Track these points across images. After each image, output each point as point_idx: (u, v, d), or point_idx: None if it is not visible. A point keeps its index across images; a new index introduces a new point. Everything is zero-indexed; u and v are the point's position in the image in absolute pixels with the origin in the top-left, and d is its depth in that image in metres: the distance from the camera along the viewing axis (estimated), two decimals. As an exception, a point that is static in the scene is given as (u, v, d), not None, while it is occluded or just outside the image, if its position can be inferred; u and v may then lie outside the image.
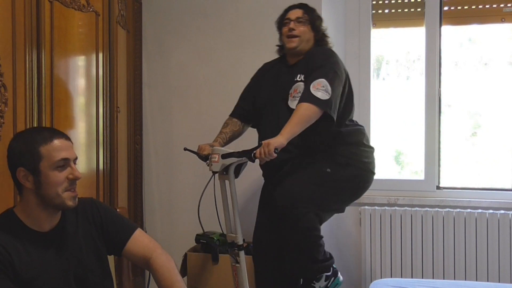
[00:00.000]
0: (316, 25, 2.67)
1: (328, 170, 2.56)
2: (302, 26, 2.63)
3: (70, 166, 1.67)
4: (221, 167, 2.41)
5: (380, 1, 3.47)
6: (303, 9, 2.68)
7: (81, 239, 1.74)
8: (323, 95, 2.39)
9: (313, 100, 2.38)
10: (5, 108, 2.12)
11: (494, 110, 3.42)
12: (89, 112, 2.82)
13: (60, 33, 2.50)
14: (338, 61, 2.58)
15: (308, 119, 2.38)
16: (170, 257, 1.82)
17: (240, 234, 2.50)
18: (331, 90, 2.41)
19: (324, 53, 2.61)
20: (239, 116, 2.79)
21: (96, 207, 1.81)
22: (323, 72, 2.46)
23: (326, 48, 2.67)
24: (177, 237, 3.40)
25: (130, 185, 3.36)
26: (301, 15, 2.65)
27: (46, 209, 1.66)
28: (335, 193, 2.62)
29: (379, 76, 3.64)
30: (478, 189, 3.37)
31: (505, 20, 3.30)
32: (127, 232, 1.82)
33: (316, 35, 2.67)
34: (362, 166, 2.65)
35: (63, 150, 1.66)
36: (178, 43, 3.51)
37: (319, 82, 2.42)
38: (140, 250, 1.81)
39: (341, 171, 2.58)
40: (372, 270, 3.29)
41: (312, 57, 2.59)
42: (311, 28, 2.66)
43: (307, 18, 2.65)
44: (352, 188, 2.67)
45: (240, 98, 2.83)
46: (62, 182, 1.64)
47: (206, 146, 2.54)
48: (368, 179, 2.69)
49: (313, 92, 2.39)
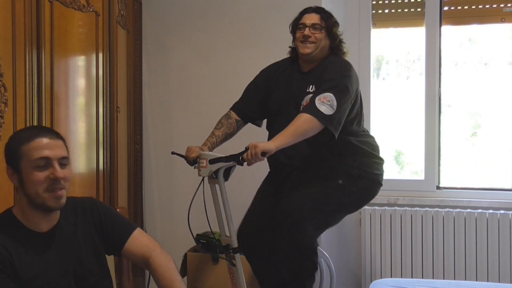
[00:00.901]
0: (332, 32, 2.55)
1: (340, 182, 2.52)
2: (318, 33, 2.53)
3: (52, 165, 1.60)
4: (209, 173, 2.41)
5: (380, 1, 3.47)
6: (320, 14, 2.56)
7: (80, 239, 1.74)
8: (327, 110, 2.33)
9: (315, 113, 2.32)
10: (5, 108, 2.12)
11: (494, 110, 3.42)
12: (89, 112, 2.82)
13: (60, 33, 2.50)
14: (351, 75, 2.48)
15: (304, 132, 2.32)
16: (170, 256, 1.81)
17: (235, 237, 2.49)
18: (336, 105, 2.34)
19: (339, 66, 2.51)
20: (240, 113, 2.70)
21: (95, 207, 1.81)
22: (332, 86, 2.39)
23: (342, 61, 2.57)
24: (177, 237, 3.40)
25: (130, 185, 3.36)
26: (318, 22, 2.53)
27: (36, 209, 1.64)
28: (344, 206, 2.60)
29: (379, 76, 3.64)
30: (478, 189, 3.37)
31: (505, 20, 3.30)
32: (127, 231, 1.82)
33: (332, 42, 2.57)
34: (373, 178, 2.61)
35: (44, 149, 1.60)
36: (178, 43, 3.51)
37: (326, 96, 2.35)
38: (139, 250, 1.80)
39: (353, 183, 2.54)
40: (372, 270, 3.29)
41: (326, 69, 2.50)
42: (327, 35, 2.55)
43: (324, 25, 2.53)
44: (360, 200, 2.65)
45: (244, 95, 2.74)
46: (41, 182, 1.59)
47: (195, 149, 2.46)
48: (376, 191, 2.66)
49: (317, 105, 2.33)
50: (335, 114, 2.35)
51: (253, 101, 2.71)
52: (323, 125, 2.33)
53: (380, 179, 2.64)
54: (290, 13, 2.70)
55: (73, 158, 2.70)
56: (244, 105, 2.72)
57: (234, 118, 2.69)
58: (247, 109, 2.71)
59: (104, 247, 1.81)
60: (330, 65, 2.52)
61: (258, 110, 2.71)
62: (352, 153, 2.58)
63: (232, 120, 2.68)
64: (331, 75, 2.45)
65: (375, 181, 2.63)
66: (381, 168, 2.66)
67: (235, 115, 2.70)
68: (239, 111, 2.71)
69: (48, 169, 1.60)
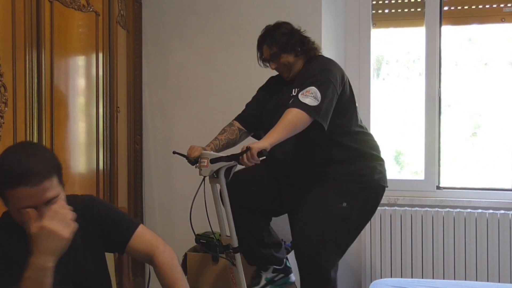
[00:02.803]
0: (288, 48, 2.53)
1: (344, 205, 2.50)
2: (279, 59, 2.53)
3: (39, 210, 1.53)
4: (210, 172, 2.41)
5: (380, 1, 3.47)
6: (266, 42, 2.56)
7: (78, 240, 1.72)
8: (312, 101, 2.34)
9: (300, 106, 2.33)
10: (5, 108, 2.12)
11: (494, 110, 3.42)
12: (89, 112, 2.82)
13: (60, 33, 2.50)
14: (330, 68, 2.48)
15: (294, 125, 2.33)
16: (174, 253, 1.80)
17: (235, 236, 2.49)
18: (320, 96, 2.36)
19: (318, 64, 2.53)
20: (244, 122, 2.71)
21: (95, 207, 1.79)
22: (313, 81, 2.41)
23: (321, 60, 2.58)
24: (177, 237, 3.40)
25: (130, 185, 3.36)
26: (270, 52, 2.54)
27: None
28: (356, 225, 2.59)
29: (379, 76, 3.64)
30: (478, 189, 3.37)
31: (505, 20, 3.30)
32: (130, 229, 1.80)
33: (295, 54, 2.55)
34: (375, 184, 2.58)
35: (29, 198, 1.51)
36: (178, 43, 3.51)
37: (308, 89, 2.37)
38: (143, 247, 1.79)
39: (356, 200, 2.52)
40: (372, 270, 3.29)
41: (307, 71, 2.53)
42: (287, 53, 2.53)
43: (276, 51, 2.52)
44: (368, 212, 2.63)
45: (247, 107, 2.77)
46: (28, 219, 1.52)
47: (198, 148, 2.46)
48: (381, 194, 2.63)
49: (301, 99, 2.35)
50: (321, 105, 2.36)
51: (255, 110, 2.73)
52: (310, 116, 2.34)
53: (383, 182, 2.61)
54: (290, 13, 2.71)
55: (73, 158, 2.71)
56: (247, 115, 2.74)
57: (237, 126, 2.71)
58: (250, 118, 2.73)
59: (105, 245, 1.80)
60: (309, 66, 2.55)
61: (259, 120, 2.72)
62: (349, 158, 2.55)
63: (234, 127, 2.69)
64: (311, 72, 2.48)
65: (378, 187, 2.60)
66: (382, 169, 2.62)
67: (238, 124, 2.72)
68: (242, 121, 2.72)
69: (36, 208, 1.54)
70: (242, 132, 2.72)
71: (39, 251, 1.50)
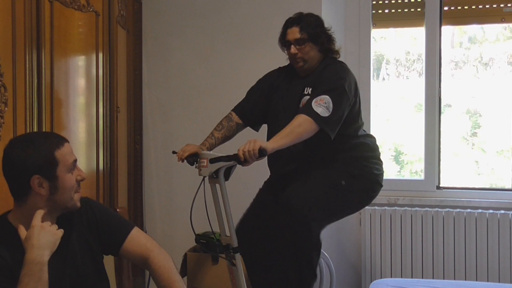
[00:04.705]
0: (317, 39, 2.52)
1: (343, 183, 2.53)
2: (304, 47, 2.51)
3: (76, 168, 1.70)
4: (209, 172, 2.41)
5: (380, 1, 3.47)
6: (300, 25, 2.52)
7: (75, 243, 1.73)
8: (323, 112, 2.35)
9: (311, 115, 2.34)
10: (5, 108, 2.12)
11: (494, 110, 3.42)
12: (89, 112, 2.82)
13: (60, 33, 2.50)
14: (347, 78, 2.49)
15: (300, 134, 2.34)
16: (169, 256, 1.80)
17: (235, 236, 2.49)
18: (333, 108, 2.36)
19: (335, 69, 2.52)
20: (242, 115, 2.70)
21: (90, 208, 1.80)
22: (329, 89, 2.40)
23: (339, 64, 2.57)
24: (177, 237, 3.40)
25: (130, 185, 3.36)
26: (299, 36, 2.50)
27: (49, 215, 1.65)
28: (346, 205, 2.61)
29: (379, 76, 3.64)
30: (478, 189, 3.37)
31: (505, 20, 3.30)
32: (124, 231, 1.81)
33: (320, 47, 2.55)
34: (374, 178, 2.62)
35: (72, 153, 1.70)
36: (178, 43, 3.51)
37: (322, 98, 2.37)
38: (138, 250, 1.80)
39: (355, 183, 2.55)
40: (372, 270, 3.29)
41: (323, 72, 2.51)
42: (313, 44, 2.53)
43: (306, 37, 2.50)
44: (361, 201, 2.67)
45: (247, 97, 2.74)
46: (74, 184, 1.69)
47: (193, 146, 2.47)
48: (376, 191, 2.67)
49: (313, 107, 2.35)
50: (332, 116, 2.37)
51: (256, 103, 2.71)
52: (319, 126, 2.35)
53: (380, 179, 2.66)
54: (290, 13, 2.70)
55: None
56: (247, 107, 2.72)
57: (235, 121, 2.69)
58: (249, 111, 2.71)
59: (101, 247, 1.80)
60: (326, 68, 2.54)
61: (260, 113, 2.71)
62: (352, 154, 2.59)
63: (233, 123, 2.69)
64: (328, 77, 2.47)
65: (376, 182, 2.64)
66: (380, 168, 2.67)
67: (237, 118, 2.70)
68: (241, 113, 2.71)
69: (74, 172, 1.69)
70: (239, 126, 2.72)
71: (33, 246, 1.55)
